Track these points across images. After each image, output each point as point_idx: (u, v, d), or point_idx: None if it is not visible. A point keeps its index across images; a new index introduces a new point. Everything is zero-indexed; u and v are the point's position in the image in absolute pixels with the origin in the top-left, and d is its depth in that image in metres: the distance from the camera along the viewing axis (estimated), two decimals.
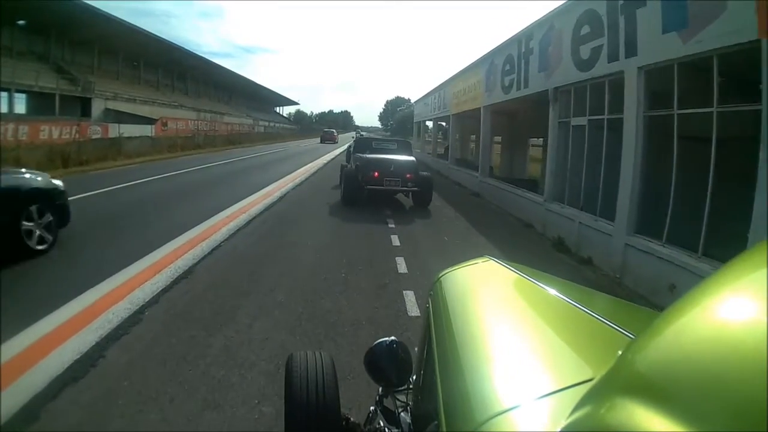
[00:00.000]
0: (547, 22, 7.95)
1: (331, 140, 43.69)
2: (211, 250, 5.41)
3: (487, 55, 11.57)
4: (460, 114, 15.44)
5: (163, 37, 34.34)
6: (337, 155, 25.15)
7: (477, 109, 13.12)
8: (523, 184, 11.17)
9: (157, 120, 28.42)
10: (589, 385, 0.55)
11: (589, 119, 6.77)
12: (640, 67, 5.55)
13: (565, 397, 0.62)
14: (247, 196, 9.41)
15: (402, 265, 5.24)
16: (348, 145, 14.22)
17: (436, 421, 0.74)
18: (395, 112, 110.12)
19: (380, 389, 1.30)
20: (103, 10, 26.71)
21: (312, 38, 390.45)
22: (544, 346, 0.89)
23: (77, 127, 18.33)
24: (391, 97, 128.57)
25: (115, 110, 28.92)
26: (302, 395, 1.02)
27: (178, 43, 37.09)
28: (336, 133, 47.94)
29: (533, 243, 7.45)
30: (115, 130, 23.08)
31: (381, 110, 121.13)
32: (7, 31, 24.67)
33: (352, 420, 1.18)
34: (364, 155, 10.07)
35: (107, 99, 29.42)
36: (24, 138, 18.40)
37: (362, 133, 30.51)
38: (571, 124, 7.23)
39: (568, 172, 7.26)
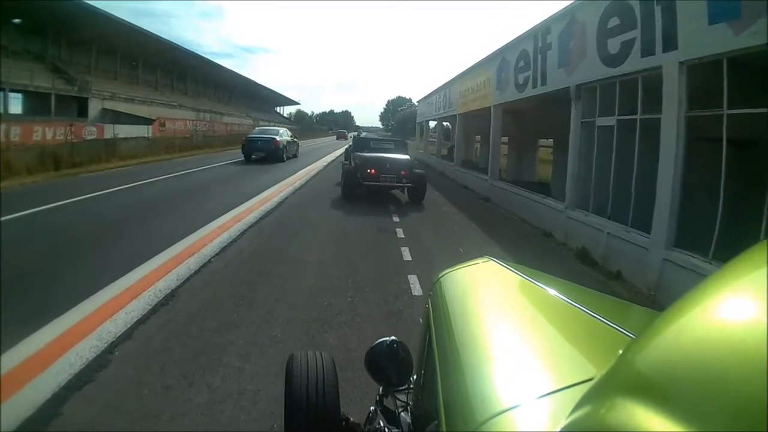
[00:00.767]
0: (567, 15, 7.33)
1: (343, 138, 56.30)
2: (199, 268, 4.78)
3: (497, 51, 10.93)
4: (467, 114, 14.82)
5: (163, 36, 33.69)
6: (338, 156, 24.64)
7: (485, 109, 12.52)
8: (536, 187, 10.57)
9: (154, 120, 27.82)
10: (589, 385, 0.55)
11: (618, 119, 6.14)
12: (682, 62, 4.94)
13: (565, 397, 0.62)
14: (243, 202, 8.79)
15: (416, 285, 4.63)
16: (347, 146, 15.75)
17: (436, 421, 0.74)
18: (396, 111, 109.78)
19: (380, 389, 1.28)
20: (101, 9, 26.14)
21: (313, 38, 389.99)
22: (544, 346, 0.89)
23: (70, 128, 17.70)
24: (392, 97, 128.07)
25: (113, 110, 28.41)
26: (302, 395, 1.01)
27: (178, 43, 36.40)
28: (347, 132, 62.63)
29: (554, 254, 6.84)
30: (111, 131, 22.54)
31: (382, 110, 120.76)
32: (3, 30, 24.10)
33: (352, 420, 1.17)
34: (363, 154, 10.81)
35: (104, 99, 28.88)
36: (16, 139, 17.83)
37: (363, 133, 29.98)
38: (597, 124, 6.61)
39: (593, 177, 6.64)
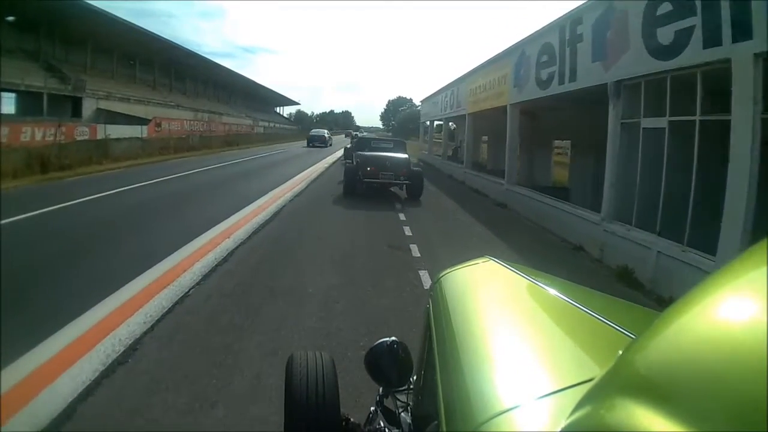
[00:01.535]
0: (604, 3, 6.45)
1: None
2: (173, 306, 3.83)
3: (515, 45, 10.03)
4: (477, 114, 13.94)
5: (161, 35, 32.88)
6: (338, 158, 23.79)
7: (499, 108, 11.65)
8: (554, 192, 9.72)
9: (150, 120, 26.99)
10: (589, 385, 0.54)
11: (670, 120, 5.28)
12: (758, 54, 4.08)
13: (565, 397, 0.62)
14: (234, 213, 7.93)
15: None
16: (345, 146, 16.94)
17: (437, 421, 0.74)
18: (397, 112, 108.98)
19: (380, 389, 1.26)
20: (96, 7, 25.29)
21: (313, 38, 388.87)
22: (544, 346, 0.88)
23: (58, 129, 16.82)
24: (392, 97, 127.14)
25: (108, 110, 27.59)
26: (302, 395, 1.00)
27: (177, 42, 35.60)
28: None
29: (589, 272, 5.98)
30: (104, 132, 21.70)
31: (382, 110, 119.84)
32: None
33: (352, 420, 1.16)
34: (364, 153, 11.55)
35: (99, 99, 28.02)
36: (3, 141, 17.00)
37: (363, 133, 30.81)
38: (642, 126, 5.75)
39: (637, 187, 5.77)
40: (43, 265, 4.63)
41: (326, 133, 34.58)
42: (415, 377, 1.26)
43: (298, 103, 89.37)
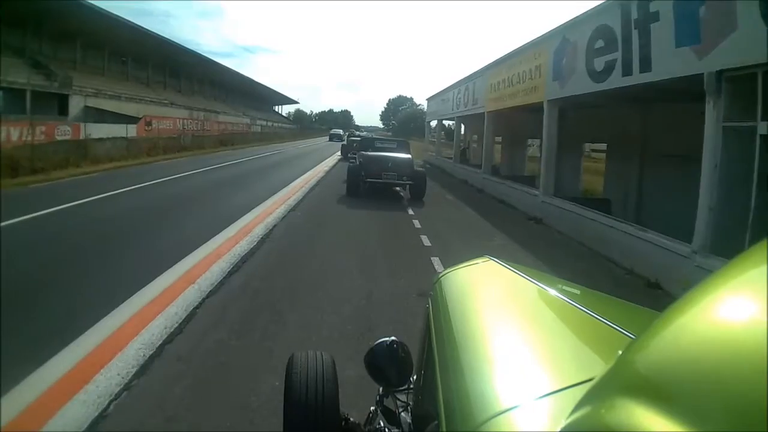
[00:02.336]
0: None
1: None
2: (132, 378, 2.45)
3: (554, 31, 8.50)
4: (498, 112, 12.46)
5: (154, 31, 31.44)
6: (337, 160, 22.51)
7: (522, 106, 10.18)
8: (590, 203, 8.28)
9: (140, 119, 25.47)
10: (589, 385, 0.54)
11: None
12: None
13: (565, 397, 0.62)
14: (216, 234, 6.46)
15: None
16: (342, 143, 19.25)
17: (437, 421, 0.74)
18: (397, 111, 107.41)
19: (380, 389, 1.26)
20: (86, 1, 23.79)
21: (313, 37, 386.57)
22: (544, 346, 0.88)
23: (31, 128, 15.28)
24: (393, 96, 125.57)
25: (96, 108, 26.07)
26: (302, 395, 0.99)
27: (172, 39, 34.15)
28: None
29: None
30: (90, 130, 20.19)
31: (382, 109, 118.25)
32: None
33: (351, 420, 1.15)
34: (367, 153, 11.57)
35: (87, 96, 26.48)
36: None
37: (364, 133, 33.59)
38: (759, 132, 4.29)
39: (751, 212, 4.31)
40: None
41: (341, 131, 47.58)
42: (414, 377, 1.24)
43: (296, 102, 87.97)
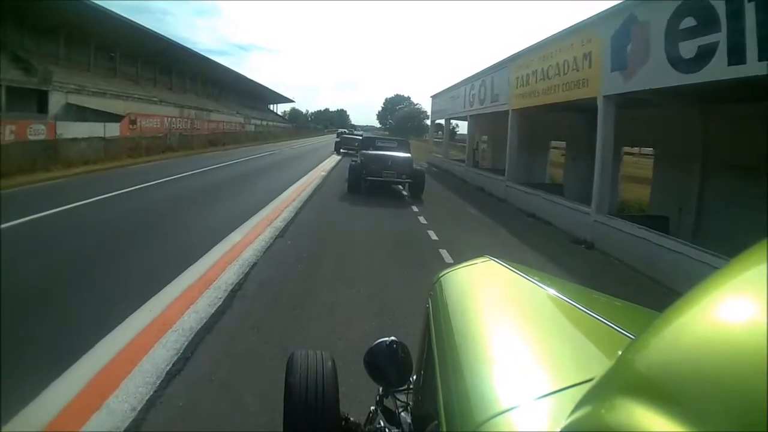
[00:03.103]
0: None
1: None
2: None
3: (615, 9, 6.83)
4: (526, 110, 10.87)
5: (143, 25, 29.79)
6: (335, 163, 21.04)
7: (570, 103, 8.59)
8: (647, 222, 6.73)
9: (124, 117, 23.77)
10: (589, 385, 0.54)
11: None
12: None
13: (565, 397, 0.61)
14: (187, 267, 4.84)
15: None
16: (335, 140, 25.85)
17: (436, 421, 0.74)
18: (394, 110, 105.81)
19: (380, 389, 1.26)
20: None
21: (310, 36, 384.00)
22: (544, 346, 0.88)
23: None
24: (390, 95, 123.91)
25: (79, 105, 24.37)
26: (302, 394, 0.99)
27: (162, 34, 32.50)
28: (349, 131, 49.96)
29: None
30: (66, 129, 18.50)
31: (380, 108, 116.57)
32: None
33: (351, 420, 1.15)
34: (368, 152, 11.93)
35: (69, 93, 24.74)
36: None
37: (361, 132, 33.02)
38: None
39: None
40: None
41: (347, 131, 45.05)
42: (414, 377, 1.24)
43: (292, 101, 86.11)
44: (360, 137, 24.62)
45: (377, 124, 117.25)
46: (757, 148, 6.04)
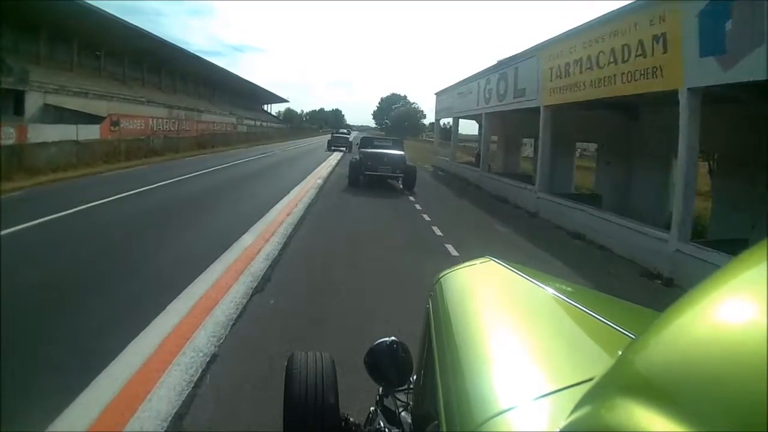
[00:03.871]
0: None
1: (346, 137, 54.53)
2: None
3: None
4: (562, 106, 9.34)
5: (132, 23, 28.29)
6: (335, 164, 19.68)
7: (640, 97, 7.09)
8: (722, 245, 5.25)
9: (104, 118, 22.09)
10: (589, 385, 0.53)
11: None
12: None
13: (565, 397, 0.61)
14: (156, 315, 3.47)
15: None
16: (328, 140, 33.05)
17: (437, 421, 0.73)
18: (390, 109, 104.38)
19: (380, 389, 1.26)
20: None
21: (304, 36, 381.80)
22: (544, 346, 0.87)
23: None
24: (385, 94, 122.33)
25: (57, 106, 22.72)
26: (301, 395, 0.99)
27: (150, 32, 30.94)
28: (347, 131, 49.03)
29: None
30: (39, 133, 16.82)
31: (375, 108, 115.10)
32: None
33: (351, 420, 1.15)
34: (366, 150, 13.71)
35: (47, 93, 23.06)
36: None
37: (356, 132, 39.38)
38: None
39: None
40: None
41: (345, 132, 47.82)
42: (414, 377, 1.23)
43: (287, 101, 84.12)
44: (347, 135, 35.84)
45: (373, 124, 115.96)
46: None
